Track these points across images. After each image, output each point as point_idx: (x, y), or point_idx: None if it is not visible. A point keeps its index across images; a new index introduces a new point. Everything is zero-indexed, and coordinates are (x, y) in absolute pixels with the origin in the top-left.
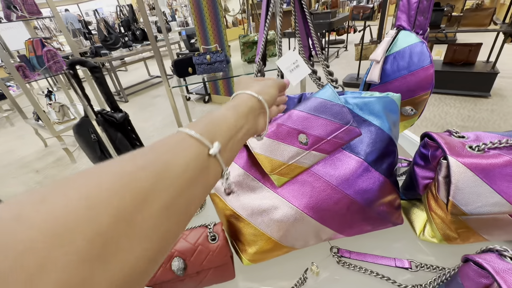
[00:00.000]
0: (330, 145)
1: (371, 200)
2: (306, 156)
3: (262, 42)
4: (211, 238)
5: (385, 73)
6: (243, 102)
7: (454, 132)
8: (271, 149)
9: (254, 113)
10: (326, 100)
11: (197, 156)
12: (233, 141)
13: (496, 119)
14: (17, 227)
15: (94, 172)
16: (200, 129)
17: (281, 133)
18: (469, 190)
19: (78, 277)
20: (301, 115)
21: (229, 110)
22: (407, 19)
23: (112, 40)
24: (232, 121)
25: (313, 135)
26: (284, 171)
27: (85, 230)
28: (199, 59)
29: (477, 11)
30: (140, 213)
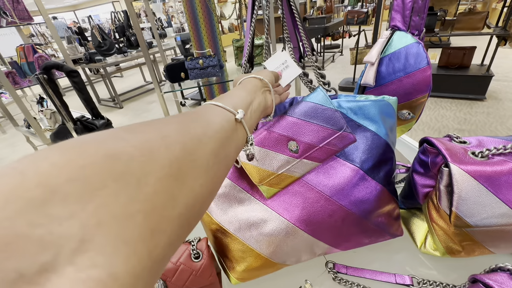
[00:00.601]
0: (322, 153)
1: (368, 211)
2: (297, 165)
3: (248, 42)
4: (194, 256)
5: (380, 75)
6: (248, 83)
7: (455, 137)
8: (259, 157)
9: (260, 90)
10: (317, 104)
11: (228, 120)
12: (251, 111)
13: (493, 122)
14: (119, 143)
15: (160, 121)
16: (223, 102)
17: (269, 140)
18: (473, 200)
19: (165, 188)
20: (291, 121)
21: (239, 90)
22: (402, 19)
23: (106, 46)
24: (245, 96)
25: (304, 142)
26: (273, 181)
27: (165, 154)
28: (191, 64)
29: (471, 15)
30: (198, 151)
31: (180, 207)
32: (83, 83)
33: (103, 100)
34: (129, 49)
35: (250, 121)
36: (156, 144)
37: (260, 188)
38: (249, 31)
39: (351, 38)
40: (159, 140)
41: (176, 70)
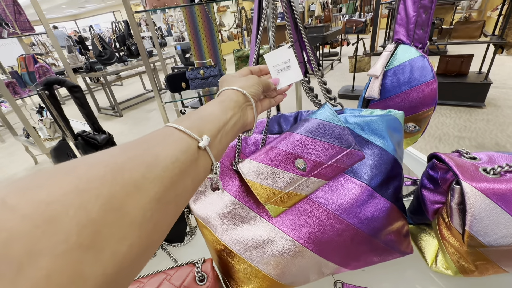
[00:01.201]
0: (330, 171)
1: (377, 229)
2: (304, 183)
3: (254, 57)
4: (199, 279)
5: (384, 88)
6: (228, 97)
7: (464, 152)
8: (265, 176)
9: (240, 106)
10: (324, 121)
11: (187, 149)
12: (221, 134)
13: (493, 129)
14: (0, 214)
15: (85, 162)
16: (188, 124)
17: (276, 158)
18: (487, 220)
19: (69, 265)
20: (298, 138)
21: (215, 105)
22: (405, 33)
23: (107, 56)
24: (219, 115)
25: (312, 160)
26: (280, 200)
27: (75, 218)
28: (192, 74)
29: (467, 24)
30: (131, 203)
31: (93, 284)
32: (85, 98)
33: (103, 108)
34: (129, 58)
35: (220, 145)
36: (63, 207)
37: (266, 207)
38: (255, 44)
39: (349, 46)
40: (72, 197)
41: (177, 80)
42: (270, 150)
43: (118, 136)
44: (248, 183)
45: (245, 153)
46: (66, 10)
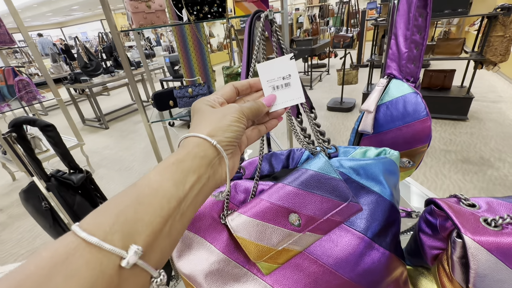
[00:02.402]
0: (326, 225)
1: (377, 281)
2: (298, 239)
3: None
4: None
5: (378, 122)
6: (191, 153)
7: (463, 199)
8: (256, 231)
9: (209, 164)
10: (319, 173)
11: (101, 275)
12: (172, 221)
13: (477, 142)
14: None
15: None
16: (105, 229)
17: (268, 212)
18: (491, 277)
19: None
20: (291, 191)
21: (167, 173)
22: (397, 68)
23: (93, 67)
24: (171, 191)
25: (307, 215)
26: (273, 257)
27: None
28: (180, 93)
29: (449, 41)
30: None
31: None
32: (59, 137)
33: (88, 120)
34: (116, 69)
35: (168, 239)
36: None
37: (258, 265)
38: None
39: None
40: None
41: (165, 98)
42: (261, 203)
43: (104, 150)
44: (238, 240)
45: (234, 203)
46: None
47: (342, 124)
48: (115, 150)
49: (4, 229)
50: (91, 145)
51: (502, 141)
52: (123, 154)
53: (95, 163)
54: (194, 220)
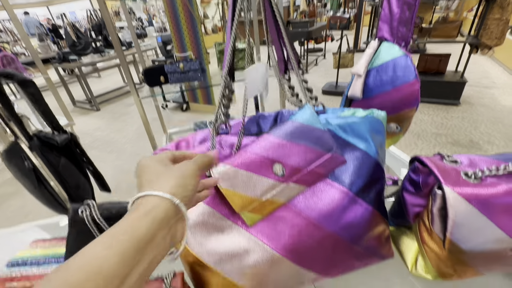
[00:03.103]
0: (310, 177)
1: (359, 235)
2: (282, 190)
3: (228, 52)
4: None
5: (367, 87)
6: (149, 216)
7: (446, 156)
8: (241, 182)
9: (166, 227)
10: (304, 124)
11: None
12: None
13: (467, 126)
14: None
15: None
16: None
17: (252, 162)
18: (468, 226)
19: None
20: (276, 142)
21: (117, 244)
22: (389, 30)
23: (81, 46)
24: (112, 270)
25: (291, 165)
26: (256, 208)
27: None
28: (171, 68)
29: (446, 24)
30: None
31: None
32: (40, 94)
33: (79, 102)
34: (106, 48)
35: None
36: None
37: (242, 216)
38: (229, 40)
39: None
40: None
41: (155, 73)
42: (246, 154)
43: (95, 131)
44: (222, 191)
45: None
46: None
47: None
48: (106, 131)
49: None
50: (82, 127)
51: (492, 125)
52: (115, 135)
53: (87, 145)
54: None
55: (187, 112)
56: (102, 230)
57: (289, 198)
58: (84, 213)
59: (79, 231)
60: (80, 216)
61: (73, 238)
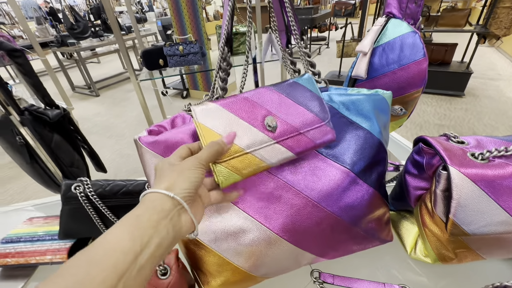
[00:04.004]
0: (299, 143)
1: (358, 217)
2: (269, 149)
3: (226, 20)
4: (161, 273)
5: (372, 67)
6: (149, 208)
7: (452, 136)
8: (225, 123)
9: (168, 216)
10: (304, 86)
11: None
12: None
13: (470, 118)
14: None
15: None
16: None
17: (244, 107)
18: (472, 207)
19: None
20: (273, 93)
21: (125, 228)
22: (398, 6)
23: (80, 29)
24: (127, 247)
25: (284, 120)
26: (236, 163)
27: None
28: (170, 50)
29: (454, 12)
30: None
31: None
32: (30, 65)
33: (78, 87)
34: (105, 33)
35: None
36: None
37: (215, 170)
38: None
39: (337, 30)
40: None
41: (154, 56)
42: (238, 97)
43: (95, 117)
44: (199, 129)
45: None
46: None
47: None
48: (106, 117)
49: None
50: (82, 112)
51: (496, 117)
52: (114, 121)
53: (86, 130)
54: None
55: (187, 99)
56: (96, 207)
57: (273, 164)
58: (78, 190)
59: (72, 208)
60: (74, 192)
61: (66, 214)
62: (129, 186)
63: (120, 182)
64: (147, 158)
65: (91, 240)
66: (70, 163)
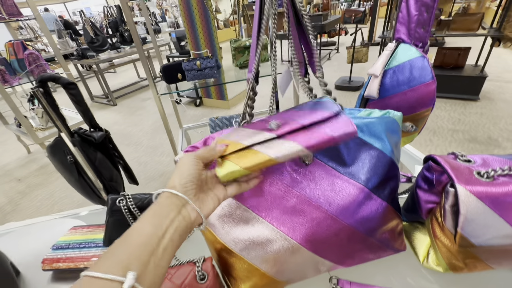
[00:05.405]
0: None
1: (373, 228)
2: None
3: (255, 56)
4: (199, 278)
5: (384, 87)
6: (161, 203)
7: (459, 155)
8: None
9: (177, 209)
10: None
11: None
12: (156, 254)
13: (486, 122)
14: None
15: None
16: (108, 263)
17: (254, 124)
18: (479, 222)
19: None
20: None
21: (147, 220)
22: (406, 32)
23: (99, 42)
24: (151, 231)
25: (287, 120)
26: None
27: None
28: (188, 65)
29: (466, 16)
30: None
31: None
32: (81, 95)
33: (96, 97)
34: (122, 44)
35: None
36: None
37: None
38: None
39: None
40: None
41: (173, 71)
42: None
43: (113, 125)
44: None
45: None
46: None
47: (350, 103)
48: (123, 125)
49: (24, 197)
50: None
51: None
52: (132, 129)
53: None
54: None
55: (200, 107)
56: (136, 218)
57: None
58: (122, 203)
59: (116, 219)
60: (117, 205)
61: (111, 224)
62: None
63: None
64: None
65: None
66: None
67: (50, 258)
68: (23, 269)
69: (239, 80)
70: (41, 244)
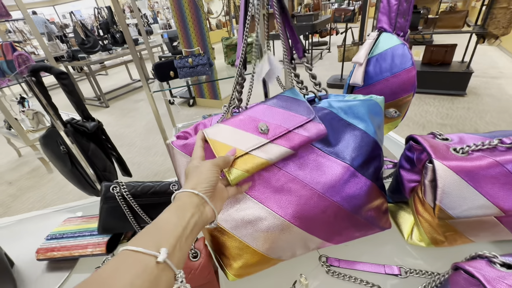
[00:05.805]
0: (292, 139)
1: (359, 206)
2: (265, 147)
3: (242, 45)
4: (192, 256)
5: (368, 75)
6: (183, 201)
7: (438, 134)
8: (228, 136)
9: (197, 206)
10: (288, 96)
11: (144, 269)
12: (181, 240)
13: (473, 116)
14: None
15: None
16: (144, 241)
17: (241, 121)
18: (455, 194)
19: None
20: (263, 107)
21: (172, 211)
22: (388, 21)
23: (90, 44)
24: (176, 221)
25: (274, 124)
26: (240, 161)
27: None
28: (180, 63)
29: (452, 14)
30: None
31: None
32: (73, 85)
33: (88, 99)
34: (114, 46)
35: (180, 252)
36: None
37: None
38: (242, 34)
39: (338, 35)
40: None
41: (165, 68)
42: (237, 117)
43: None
44: (210, 143)
45: None
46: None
47: None
48: (116, 127)
49: (15, 200)
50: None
51: (498, 115)
52: (124, 131)
53: None
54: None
55: (193, 107)
56: (129, 205)
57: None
58: (115, 190)
59: (110, 206)
60: (111, 192)
61: (105, 211)
62: (156, 187)
63: (149, 183)
64: (178, 158)
65: (123, 236)
66: (103, 168)
67: (45, 248)
68: (18, 260)
69: (232, 77)
70: (35, 236)
